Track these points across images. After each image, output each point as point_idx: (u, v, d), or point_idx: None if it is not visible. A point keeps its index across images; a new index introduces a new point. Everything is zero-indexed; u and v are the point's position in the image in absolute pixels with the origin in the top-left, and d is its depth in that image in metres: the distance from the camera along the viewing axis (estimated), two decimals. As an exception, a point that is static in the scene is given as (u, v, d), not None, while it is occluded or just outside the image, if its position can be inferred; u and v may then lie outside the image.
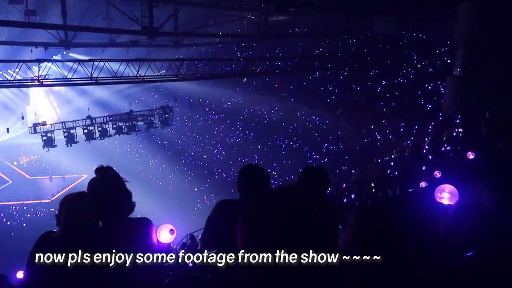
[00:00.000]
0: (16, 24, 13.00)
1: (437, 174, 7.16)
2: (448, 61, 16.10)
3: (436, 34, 18.55)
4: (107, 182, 2.42)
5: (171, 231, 2.76)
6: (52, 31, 13.41)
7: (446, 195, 2.97)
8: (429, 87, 18.95)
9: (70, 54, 21.69)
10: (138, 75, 14.80)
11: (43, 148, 19.29)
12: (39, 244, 2.23)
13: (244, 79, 26.15)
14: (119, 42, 18.03)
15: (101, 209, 2.32)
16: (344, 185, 16.55)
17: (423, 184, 7.22)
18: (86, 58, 16.11)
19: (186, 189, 29.85)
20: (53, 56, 19.78)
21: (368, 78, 22.27)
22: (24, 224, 24.38)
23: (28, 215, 25.62)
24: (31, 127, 19.41)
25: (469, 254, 1.76)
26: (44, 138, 18.78)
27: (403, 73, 20.78)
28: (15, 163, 34.39)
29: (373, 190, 12.81)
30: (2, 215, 25.89)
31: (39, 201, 27.94)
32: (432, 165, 11.12)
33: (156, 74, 15.76)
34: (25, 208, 26.98)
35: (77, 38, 14.25)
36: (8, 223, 24.59)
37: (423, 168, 11.45)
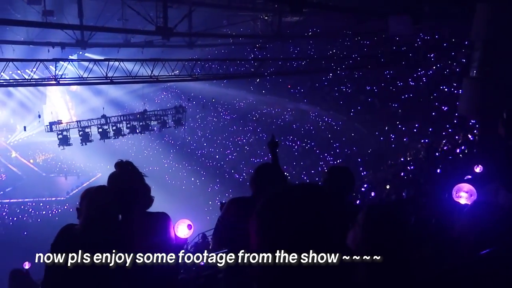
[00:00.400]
0: (34, 24, 13.24)
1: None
2: (465, 62, 15.86)
3: (452, 35, 18.30)
4: (126, 176, 2.46)
5: (189, 226, 2.79)
6: (69, 31, 13.63)
7: (464, 194, 2.91)
8: (445, 89, 18.69)
9: (86, 54, 22.00)
10: (152, 75, 14.94)
11: (59, 147, 19.60)
12: (61, 236, 2.28)
13: (257, 80, 26.17)
14: (134, 42, 18.23)
15: (120, 203, 2.35)
16: (357, 187, 16.42)
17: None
18: (102, 58, 16.33)
19: (198, 189, 30.01)
20: (70, 56, 20.09)
21: (382, 79, 22.08)
22: (39, 220, 24.82)
23: (43, 212, 26.07)
24: (47, 125, 19.73)
25: (483, 252, 1.73)
26: (60, 136, 19.08)
27: (418, 75, 20.54)
28: (31, 160, 35.04)
29: (387, 192, 12.69)
30: (18, 211, 26.40)
31: (54, 199, 28.43)
32: (447, 166, 10.96)
33: (170, 74, 15.88)
34: (40, 205, 27.46)
35: (93, 38, 14.45)
36: (24, 219, 25.06)
37: (438, 170, 11.29)
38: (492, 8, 10.25)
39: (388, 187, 13.45)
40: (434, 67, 19.90)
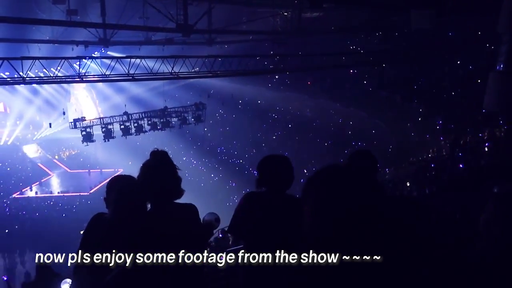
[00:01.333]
0: (59, 23, 13.60)
1: None
2: (491, 56, 15.38)
3: (477, 29, 17.75)
4: (159, 166, 2.51)
5: (217, 220, 2.87)
6: (92, 30, 13.94)
7: None
8: (469, 84, 18.19)
9: (108, 53, 22.41)
10: (173, 71, 15.11)
11: (82, 143, 20.09)
12: (92, 224, 2.34)
13: (277, 76, 26.09)
14: (154, 40, 18.47)
15: (151, 192, 2.39)
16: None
17: None
18: (123, 55, 16.62)
19: (217, 186, 30.20)
20: (93, 54, 20.49)
21: (404, 75, 21.65)
22: (63, 215, 25.46)
23: (67, 207, 26.73)
24: (71, 122, 20.23)
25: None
26: (84, 133, 19.55)
27: (441, 70, 20.05)
28: (56, 156, 35.97)
29: (408, 188, 12.50)
30: (44, 206, 27.15)
31: (78, 194, 29.13)
32: (471, 163, 10.71)
33: (190, 70, 16.03)
34: (65, 199, 28.17)
35: (115, 36, 14.74)
36: (49, 214, 25.74)
37: (461, 167, 11.04)
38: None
39: (409, 183, 13.24)
40: (458, 62, 19.39)
